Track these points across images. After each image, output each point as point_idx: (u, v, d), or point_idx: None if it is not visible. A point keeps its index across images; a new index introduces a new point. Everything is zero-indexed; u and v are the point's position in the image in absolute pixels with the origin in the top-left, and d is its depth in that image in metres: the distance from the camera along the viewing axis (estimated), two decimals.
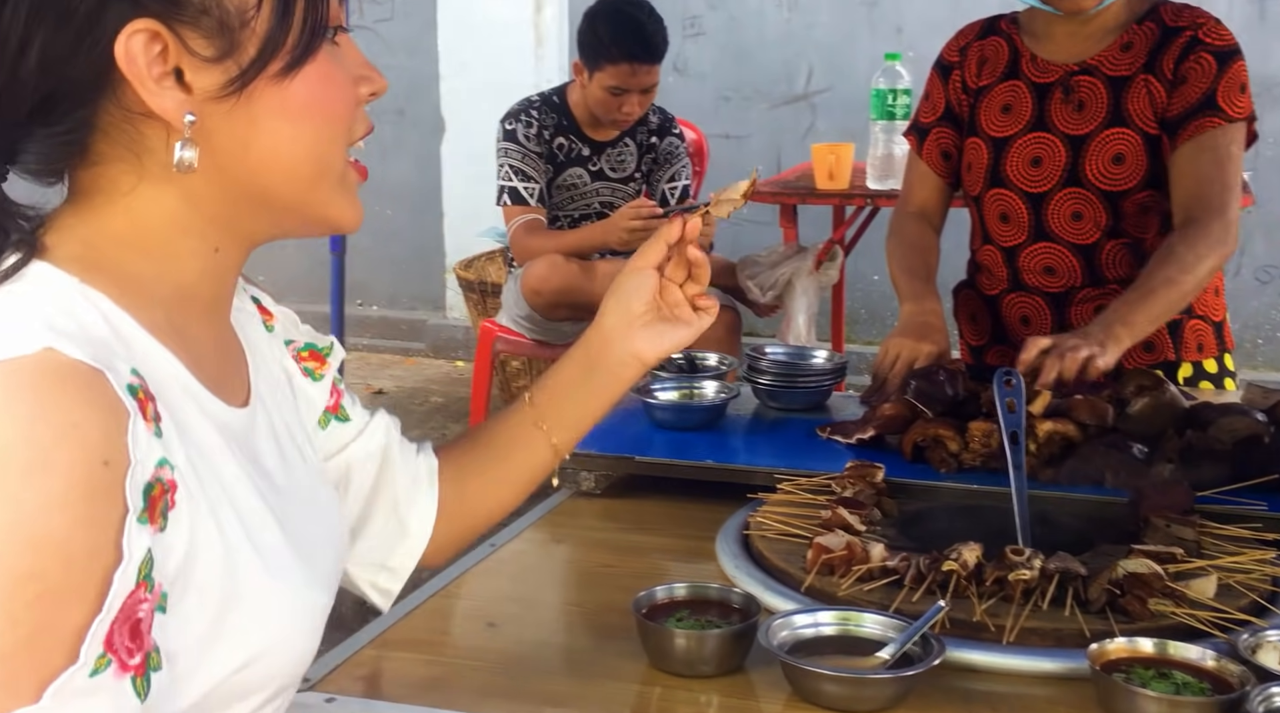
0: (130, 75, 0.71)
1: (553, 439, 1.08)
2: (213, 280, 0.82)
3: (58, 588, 0.62)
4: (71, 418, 0.64)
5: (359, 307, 5.09)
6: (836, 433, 1.60)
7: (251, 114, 0.74)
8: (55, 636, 0.62)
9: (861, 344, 4.54)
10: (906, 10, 4.34)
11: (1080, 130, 1.83)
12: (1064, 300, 1.90)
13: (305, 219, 0.81)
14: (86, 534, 0.63)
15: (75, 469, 0.63)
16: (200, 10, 0.72)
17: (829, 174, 3.10)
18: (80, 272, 0.73)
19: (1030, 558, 1.13)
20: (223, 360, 0.84)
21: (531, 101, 3.08)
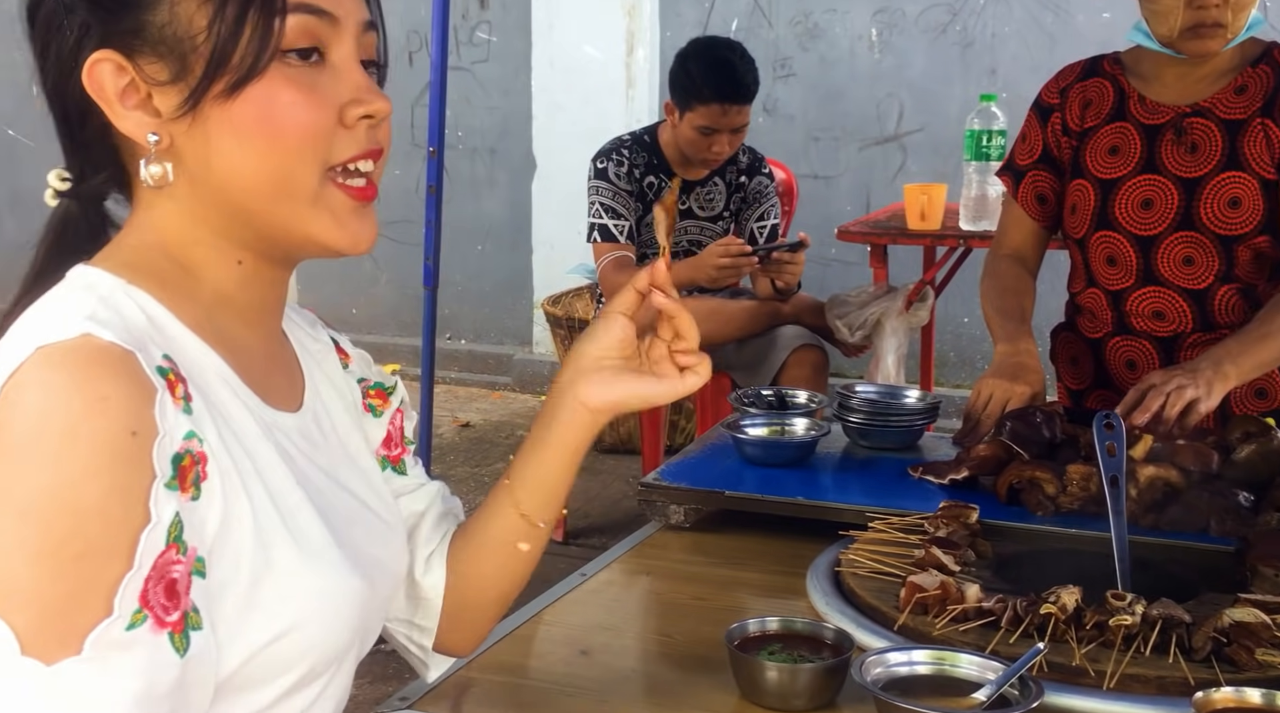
0: (99, 100, 0.80)
1: (518, 504, 1.00)
2: (246, 289, 0.86)
3: (97, 548, 0.68)
4: (101, 391, 0.70)
5: (447, 341, 5.17)
6: (929, 473, 1.58)
7: (205, 132, 0.80)
8: (97, 593, 0.68)
9: (950, 387, 4.48)
10: (1001, 51, 4.32)
11: (1193, 173, 1.80)
12: (1173, 345, 1.86)
13: (289, 238, 0.84)
14: (119, 499, 0.70)
15: (105, 437, 0.69)
16: (157, 39, 0.79)
17: (921, 214, 3.08)
18: (127, 274, 0.80)
19: (1132, 603, 1.10)
20: (270, 366, 0.89)
21: (623, 140, 3.13)
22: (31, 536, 0.67)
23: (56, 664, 0.67)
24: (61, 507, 0.68)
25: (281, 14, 0.79)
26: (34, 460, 0.68)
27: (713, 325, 2.98)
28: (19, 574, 0.67)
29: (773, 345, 3.03)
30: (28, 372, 0.70)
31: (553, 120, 4.75)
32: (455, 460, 4.06)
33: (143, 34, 0.78)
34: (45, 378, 0.70)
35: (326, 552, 0.83)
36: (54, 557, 0.67)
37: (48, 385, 0.70)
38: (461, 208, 5.00)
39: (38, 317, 0.76)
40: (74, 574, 0.68)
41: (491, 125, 5.02)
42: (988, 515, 1.40)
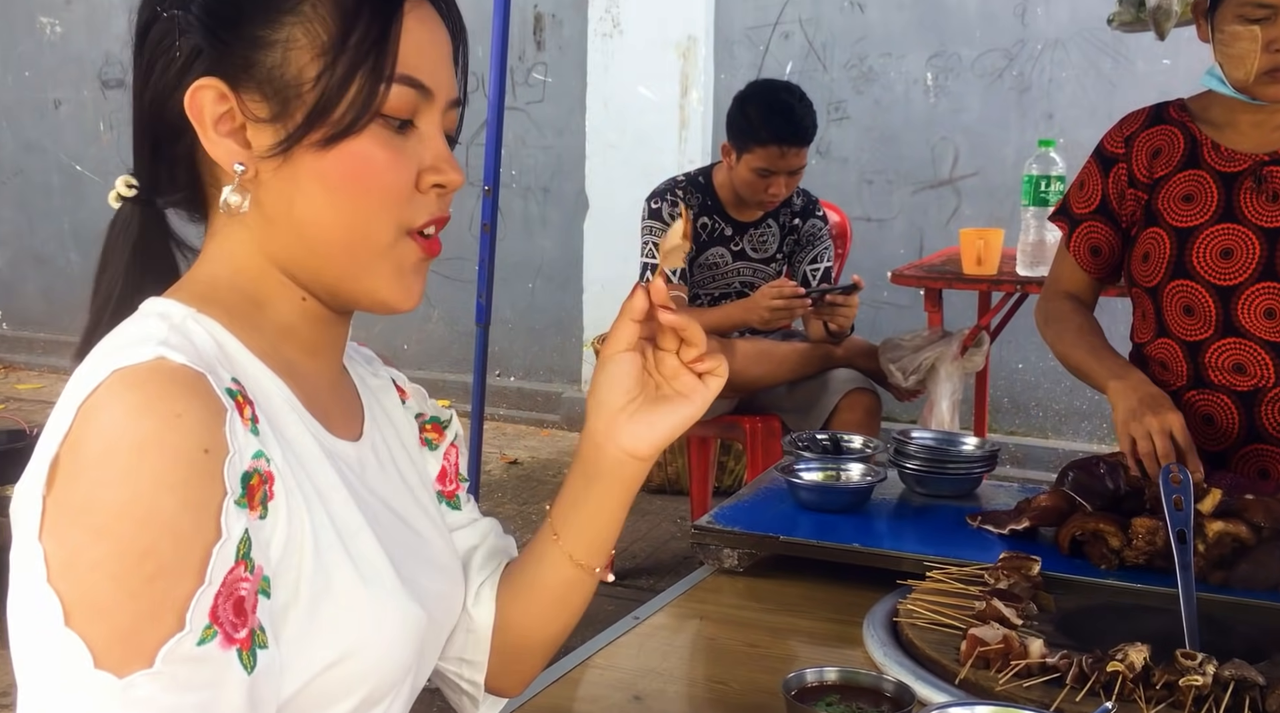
0: (194, 122, 0.81)
1: (570, 553, 0.99)
2: (310, 325, 0.88)
3: (170, 565, 0.70)
4: (175, 408, 0.72)
5: (497, 377, 5.20)
6: (988, 522, 1.55)
7: (294, 175, 0.82)
8: (170, 608, 0.69)
9: (1004, 433, 4.42)
10: (1058, 97, 4.29)
11: (1275, 223, 1.76)
12: (1253, 399, 1.81)
13: (348, 287, 0.85)
14: (192, 515, 0.71)
15: (179, 453, 0.71)
16: (264, 78, 0.81)
17: (977, 259, 3.06)
18: (197, 304, 0.82)
19: (1203, 663, 1.07)
20: (333, 398, 0.91)
21: (677, 181, 3.14)
22: (109, 552, 0.69)
23: (128, 677, 0.68)
24: (137, 523, 0.69)
25: (388, 81, 0.82)
26: (109, 476, 0.70)
27: (764, 367, 2.97)
28: (96, 590, 0.69)
29: (825, 388, 3.01)
30: (103, 394, 0.72)
31: (606, 160, 4.79)
32: (503, 498, 4.07)
33: (252, 70, 0.81)
34: (120, 398, 0.72)
35: (386, 578, 0.84)
36: (131, 574, 0.69)
37: (123, 404, 0.71)
38: (514, 246, 5.05)
39: (113, 343, 0.78)
40: (148, 591, 0.69)
41: (545, 164, 5.07)
42: (1049, 568, 1.37)
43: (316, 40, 0.81)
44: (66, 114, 5.89)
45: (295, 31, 0.81)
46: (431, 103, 0.85)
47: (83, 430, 0.71)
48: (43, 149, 5.95)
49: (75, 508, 0.70)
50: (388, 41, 0.82)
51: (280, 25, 0.81)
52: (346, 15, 0.81)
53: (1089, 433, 4.40)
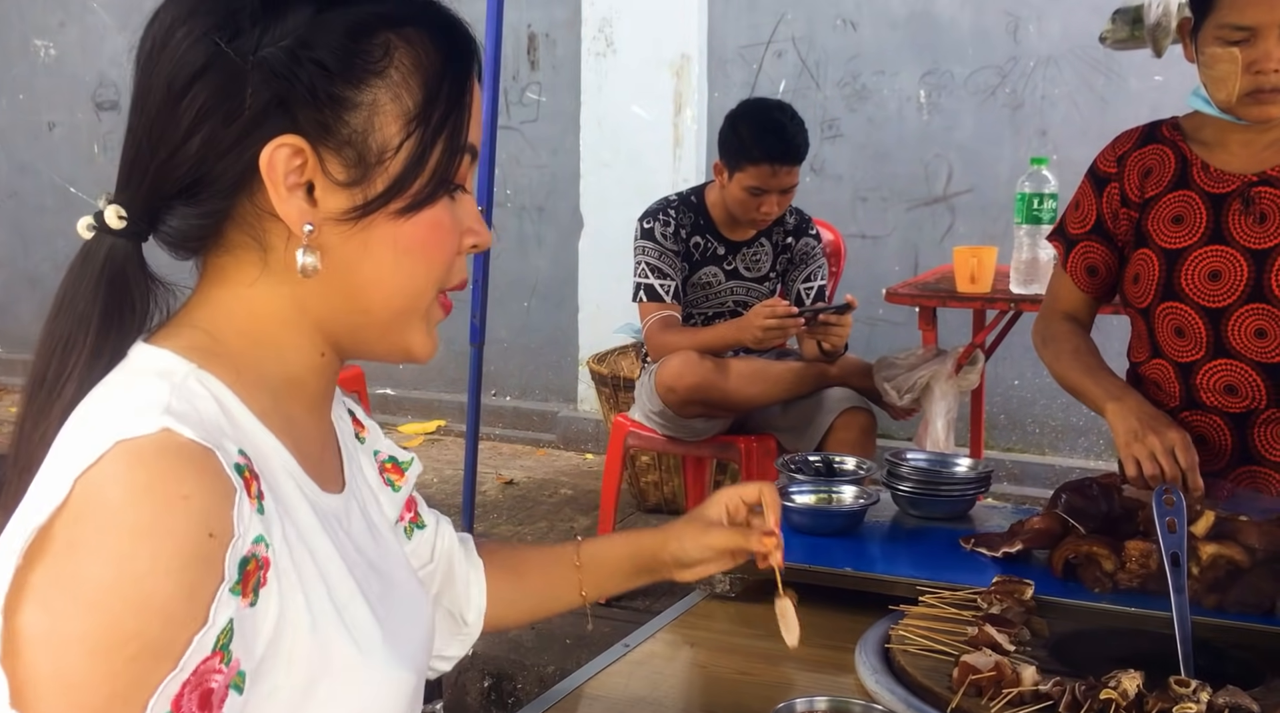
0: (267, 179, 0.78)
1: (584, 591, 1.19)
2: (318, 377, 0.87)
3: (154, 647, 0.67)
4: (183, 490, 0.69)
5: (492, 397, 5.19)
6: (981, 545, 1.54)
7: (366, 240, 0.81)
8: (140, 692, 0.67)
9: (1001, 451, 4.41)
10: (1051, 114, 4.30)
11: (1263, 244, 1.75)
12: (1245, 421, 1.80)
13: (387, 344, 0.86)
14: (186, 601, 0.68)
15: (184, 537, 0.68)
16: (346, 141, 0.79)
17: (971, 277, 3.05)
18: (200, 359, 0.79)
19: (1197, 690, 1.06)
20: (323, 450, 0.89)
21: (670, 201, 3.14)
22: (95, 630, 0.66)
23: None
24: (128, 604, 0.67)
25: (462, 152, 0.82)
26: (106, 554, 0.67)
27: (758, 387, 2.96)
28: (74, 667, 0.66)
29: (819, 407, 3.00)
30: (107, 467, 0.69)
31: (600, 179, 4.79)
32: (499, 518, 4.05)
33: (335, 131, 0.78)
34: (126, 476, 0.69)
35: (378, 647, 0.83)
36: (112, 654, 0.66)
37: (130, 484, 0.69)
38: (509, 265, 5.04)
39: (110, 405, 0.74)
40: (126, 673, 0.67)
41: (540, 184, 5.07)
42: (1043, 591, 1.36)
43: (402, 107, 0.80)
44: (60, 136, 5.90)
45: (382, 95, 0.79)
46: (474, 166, 0.86)
47: (83, 505, 0.68)
48: (36, 171, 5.96)
49: (68, 579, 0.67)
50: (464, 111, 0.82)
51: (368, 88, 0.79)
52: (430, 84, 0.81)
53: (1086, 449, 4.39)
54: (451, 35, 0.83)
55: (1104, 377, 1.82)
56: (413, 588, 0.96)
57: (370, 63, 0.78)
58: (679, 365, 2.89)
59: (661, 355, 2.99)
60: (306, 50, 0.77)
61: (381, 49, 0.79)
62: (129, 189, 0.80)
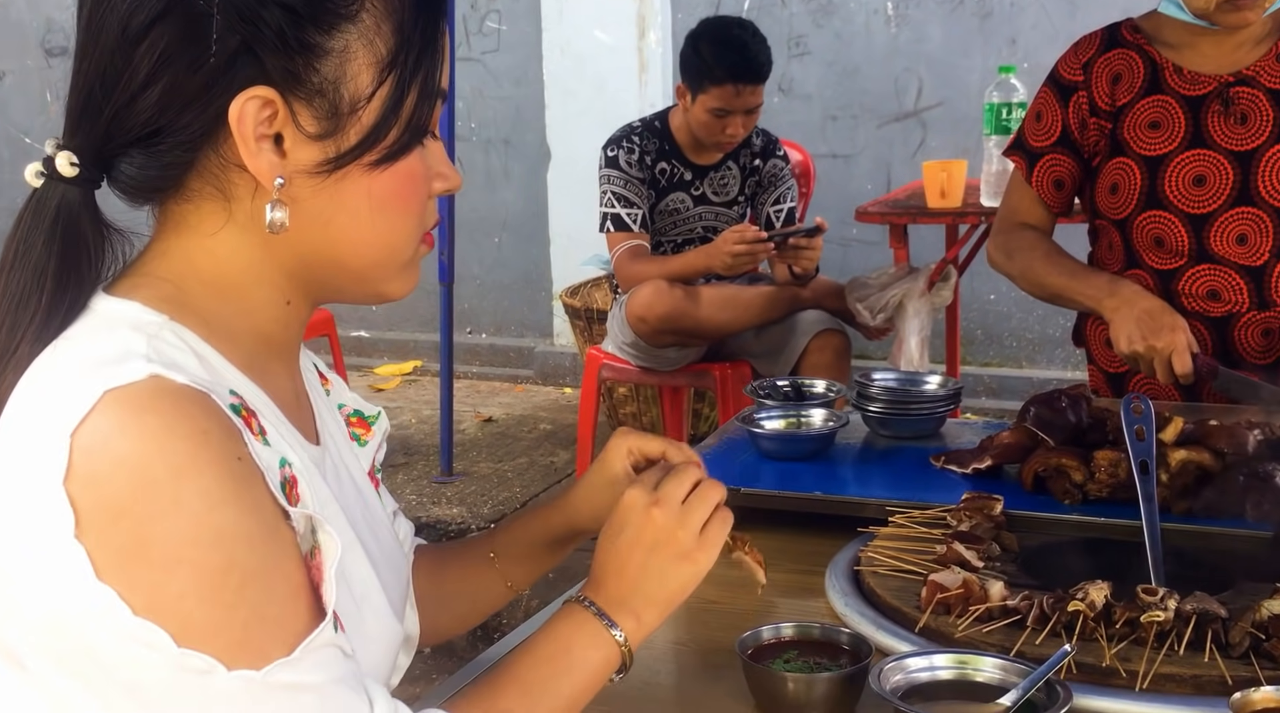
0: (236, 133, 0.74)
1: (509, 582, 1.10)
2: (284, 329, 0.84)
3: (254, 571, 0.68)
4: (199, 426, 0.68)
5: (468, 335, 5.15)
6: (951, 462, 1.53)
7: (339, 193, 0.77)
8: (278, 606, 0.69)
9: (979, 366, 4.41)
10: (1020, 20, 4.22)
11: (1247, 146, 1.72)
12: (1226, 325, 1.78)
13: (361, 291, 0.84)
14: (255, 517, 0.69)
15: (220, 466, 0.68)
16: (317, 91, 0.75)
17: (941, 192, 3.02)
18: (170, 310, 0.76)
19: (1164, 598, 1.05)
20: (298, 403, 0.87)
21: (633, 127, 3.08)
22: (189, 581, 0.66)
23: (267, 668, 0.68)
24: (205, 545, 0.66)
25: (436, 98, 0.79)
26: (156, 509, 0.66)
27: (730, 313, 2.94)
28: (199, 617, 0.66)
29: (793, 331, 2.98)
30: (105, 420, 0.66)
31: (565, 109, 4.70)
32: (478, 456, 4.04)
33: (306, 81, 0.74)
34: (134, 424, 0.67)
35: (375, 597, 0.83)
36: (219, 592, 0.66)
37: (141, 430, 0.66)
38: (477, 201, 4.97)
39: (83, 357, 0.71)
40: (244, 599, 0.67)
41: (505, 116, 4.98)
42: (1013, 506, 1.35)
43: (374, 54, 0.76)
44: (11, 85, 5.75)
45: (353, 41, 0.75)
46: (439, 108, 0.82)
47: (93, 462, 0.66)
48: None
49: (130, 548, 0.65)
50: (438, 56, 0.79)
51: (339, 33, 0.74)
52: (403, 28, 0.77)
53: (1063, 360, 4.39)
54: None
55: (1089, 275, 1.80)
56: (392, 539, 0.96)
57: (341, 6, 0.75)
58: (649, 295, 2.86)
59: (631, 286, 2.96)
60: None
61: None
62: (79, 135, 0.76)
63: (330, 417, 0.95)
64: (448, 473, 3.76)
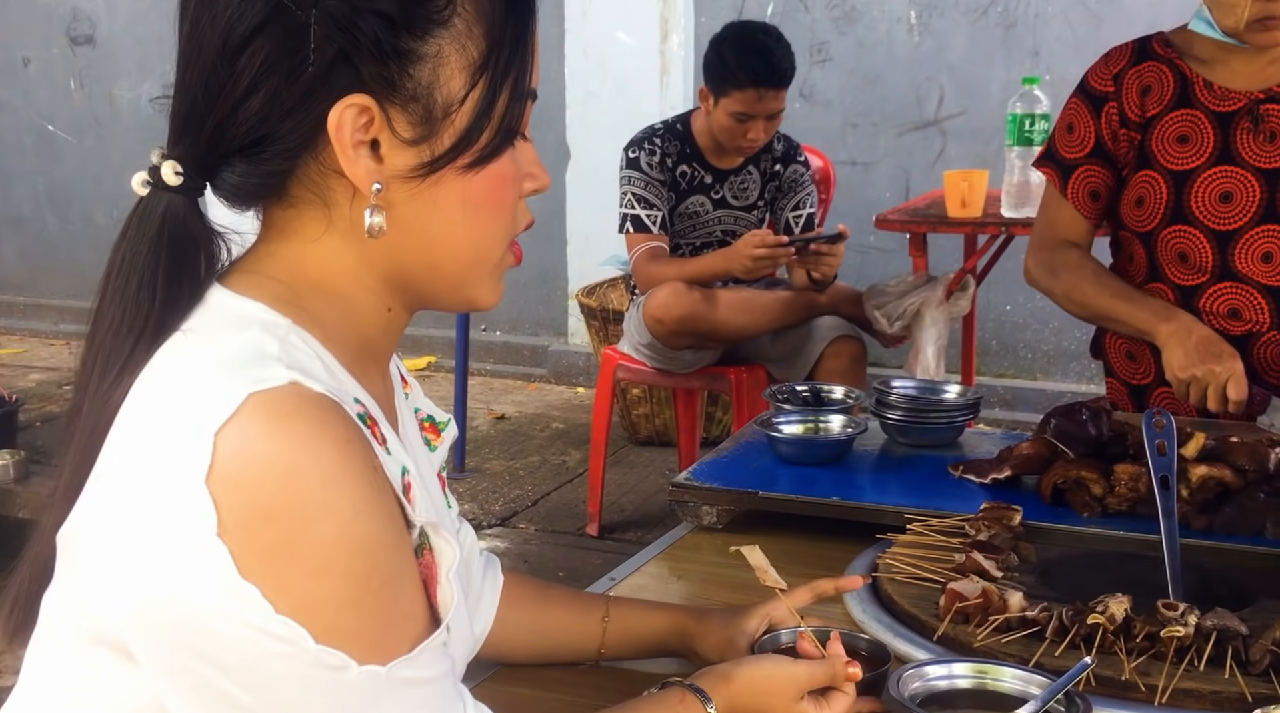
0: (335, 140, 0.75)
1: (603, 648, 1.12)
2: (385, 335, 0.85)
3: (393, 574, 0.72)
4: (344, 434, 0.71)
5: (483, 332, 5.16)
6: (970, 472, 1.53)
7: (434, 196, 0.78)
8: (402, 612, 0.73)
9: (993, 376, 4.40)
10: (1044, 32, 4.22)
11: (1275, 163, 1.71)
12: (1246, 343, 1.78)
13: (454, 297, 0.85)
14: (392, 526, 0.73)
15: (363, 474, 0.71)
16: (411, 97, 0.76)
17: (961, 202, 3.01)
18: (291, 313, 0.77)
19: (1185, 613, 1.05)
20: (389, 407, 0.89)
21: (655, 129, 3.08)
22: (336, 585, 0.68)
23: (391, 664, 0.71)
24: (352, 552, 0.69)
25: (527, 99, 0.80)
26: (310, 513, 0.67)
27: (747, 317, 2.93)
28: (341, 619, 0.69)
29: (809, 337, 2.98)
30: (252, 423, 0.68)
31: (586, 109, 4.71)
32: (490, 454, 4.05)
33: (401, 87, 0.75)
34: (283, 429, 0.68)
35: (460, 610, 0.84)
36: (362, 596, 0.70)
37: (292, 437, 0.68)
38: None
39: (221, 355, 0.72)
40: (380, 603, 0.71)
41: None
42: (1031, 517, 1.35)
43: (466, 58, 0.76)
44: (36, 72, 5.78)
45: (446, 46, 0.76)
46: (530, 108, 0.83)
47: (240, 463, 0.67)
48: (13, 109, 5.85)
49: (278, 551, 0.67)
50: (528, 57, 0.80)
51: (432, 38, 0.75)
52: (494, 31, 0.77)
53: (1078, 373, 4.38)
54: None
55: (1142, 300, 1.79)
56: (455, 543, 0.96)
57: (433, 12, 0.75)
58: (667, 296, 2.86)
59: (649, 287, 2.96)
60: (367, 1, 0.73)
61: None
62: (183, 144, 0.77)
63: (409, 420, 0.96)
64: (460, 469, 3.77)
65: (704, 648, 1.10)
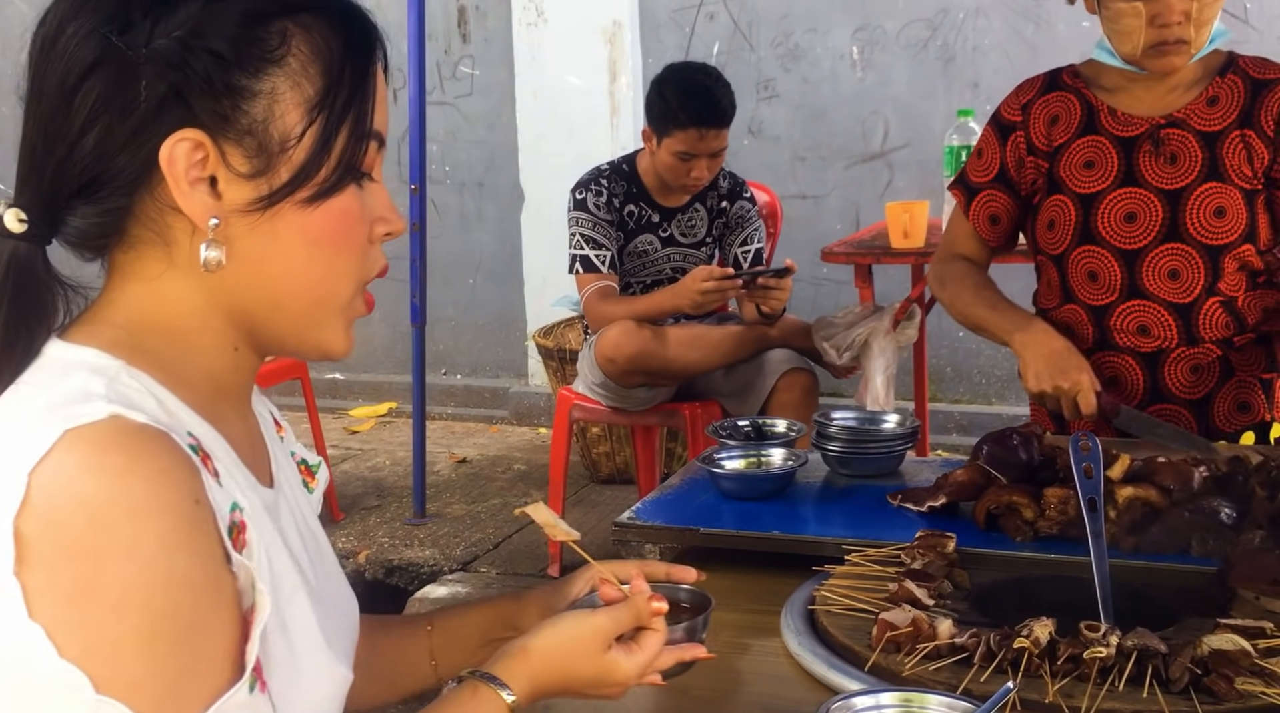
0: (168, 175, 0.76)
1: (434, 658, 1.09)
2: (236, 374, 0.86)
3: (195, 620, 0.69)
4: (160, 464, 0.69)
5: (443, 376, 5.15)
6: (908, 500, 1.55)
7: (273, 230, 0.80)
8: (208, 661, 0.70)
9: (948, 402, 4.44)
10: (982, 64, 4.30)
11: (1176, 184, 1.78)
12: (1157, 360, 1.83)
13: (302, 339, 0.85)
14: (202, 566, 0.70)
15: (177, 509, 0.69)
16: (246, 131, 0.77)
17: (904, 232, 3.06)
18: (126, 355, 0.78)
19: (1106, 634, 1.07)
20: (253, 446, 0.89)
21: (601, 170, 3.12)
22: (131, 626, 0.67)
23: None
24: (151, 590, 0.67)
25: (367, 139, 0.81)
26: (109, 549, 0.66)
27: (698, 353, 2.96)
28: (131, 666, 0.67)
29: (761, 371, 3.01)
30: (66, 458, 0.68)
31: (538, 151, 4.75)
32: (451, 498, 4.03)
33: (234, 122, 0.77)
34: (95, 461, 0.68)
35: (319, 644, 0.83)
36: (157, 641, 0.67)
37: (104, 470, 0.68)
38: (452, 242, 4.99)
39: (39, 399, 0.72)
40: (178, 651, 0.68)
41: (478, 159, 5.02)
42: (966, 543, 1.37)
43: (303, 95, 0.79)
44: None
45: (280, 83, 0.78)
46: (381, 153, 0.85)
47: (53, 501, 0.67)
48: None
49: (77, 588, 0.66)
50: (368, 98, 0.81)
51: (266, 76, 0.77)
52: (331, 71, 0.80)
53: None
54: (351, 21, 0.82)
55: (1006, 308, 1.85)
56: (343, 584, 0.96)
57: (267, 51, 0.77)
58: (617, 335, 2.88)
59: (600, 326, 2.98)
60: (200, 40, 0.75)
61: (278, 36, 0.78)
62: (27, 191, 0.79)
63: (285, 460, 0.97)
64: (420, 515, 3.76)
65: (528, 626, 1.03)
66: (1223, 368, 1.80)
